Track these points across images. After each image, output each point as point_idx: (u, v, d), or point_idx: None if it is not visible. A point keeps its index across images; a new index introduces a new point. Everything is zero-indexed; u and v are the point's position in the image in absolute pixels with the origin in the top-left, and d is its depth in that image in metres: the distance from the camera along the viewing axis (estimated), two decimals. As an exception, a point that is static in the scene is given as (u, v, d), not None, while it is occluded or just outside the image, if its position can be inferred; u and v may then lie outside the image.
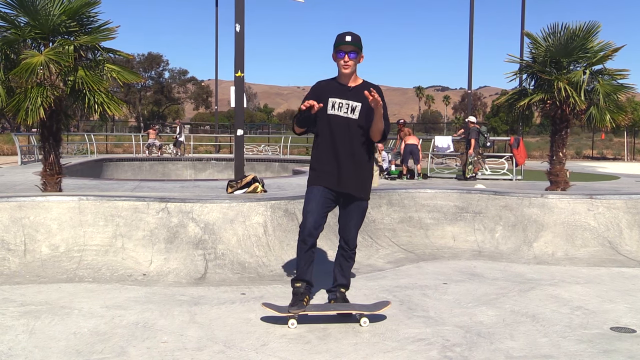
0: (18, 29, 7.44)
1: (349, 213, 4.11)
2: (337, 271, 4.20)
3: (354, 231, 4.14)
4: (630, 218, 6.85)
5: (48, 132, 7.81)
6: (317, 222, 3.96)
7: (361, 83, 4.09)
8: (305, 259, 4.01)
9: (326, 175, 4.02)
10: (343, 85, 4.05)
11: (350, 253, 4.16)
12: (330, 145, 4.02)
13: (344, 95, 4.01)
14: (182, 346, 3.45)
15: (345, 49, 3.95)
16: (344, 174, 3.99)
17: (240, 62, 8.34)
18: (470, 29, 18.25)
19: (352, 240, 4.14)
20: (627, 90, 10.15)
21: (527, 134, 45.47)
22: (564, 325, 3.95)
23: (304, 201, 4.08)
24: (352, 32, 3.99)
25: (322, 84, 4.15)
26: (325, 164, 4.03)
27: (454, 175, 15.41)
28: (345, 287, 4.20)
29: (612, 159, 33.88)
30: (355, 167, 4.02)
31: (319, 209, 3.98)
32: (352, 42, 3.95)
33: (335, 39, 4.00)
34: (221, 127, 47.07)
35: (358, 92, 4.00)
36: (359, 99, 3.99)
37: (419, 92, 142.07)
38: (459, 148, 18.14)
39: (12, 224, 5.52)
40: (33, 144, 19.64)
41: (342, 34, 3.99)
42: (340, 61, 3.99)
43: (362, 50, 4.03)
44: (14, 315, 3.98)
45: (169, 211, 5.84)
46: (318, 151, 4.10)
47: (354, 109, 4.00)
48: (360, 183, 4.06)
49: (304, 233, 3.98)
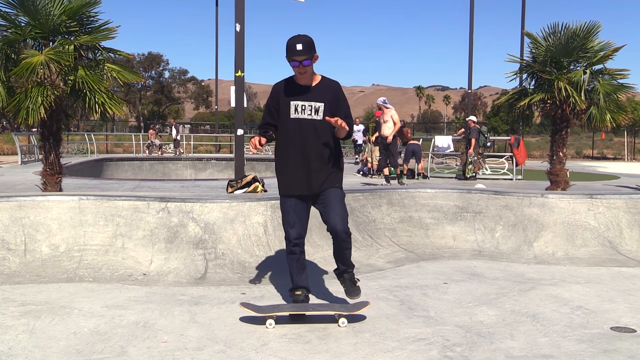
0: (18, 28, 7.44)
1: (327, 205, 3.95)
2: (337, 261, 4.11)
3: (338, 220, 3.88)
4: (631, 218, 6.85)
5: (48, 131, 7.81)
6: (300, 233, 4.03)
7: (320, 81, 4.02)
8: (297, 267, 4.07)
9: (297, 181, 3.96)
10: (303, 86, 3.97)
11: (344, 242, 3.92)
12: (297, 149, 3.94)
13: (305, 97, 3.94)
14: (183, 346, 3.45)
15: (298, 59, 3.81)
16: (313, 177, 3.94)
17: (241, 62, 8.34)
18: (470, 29, 18.23)
19: (341, 229, 3.87)
20: (628, 90, 10.17)
21: (527, 134, 45.47)
22: (564, 325, 3.95)
23: (281, 213, 4.07)
24: (302, 38, 3.84)
25: (281, 86, 4.04)
26: (294, 169, 3.97)
27: (454, 175, 15.41)
28: (346, 272, 4.06)
29: (612, 159, 33.88)
30: (325, 167, 3.98)
31: (297, 220, 4.01)
32: (303, 50, 3.80)
33: (287, 46, 3.83)
34: (221, 126, 47.09)
35: (319, 91, 3.96)
36: (321, 99, 3.94)
37: (419, 91, 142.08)
38: (459, 148, 18.16)
39: (12, 223, 5.52)
40: (33, 143, 19.64)
41: (293, 42, 3.81)
42: (295, 69, 3.90)
43: (315, 50, 3.87)
44: (14, 315, 3.98)
45: (169, 211, 5.84)
46: (285, 155, 4.01)
47: (317, 109, 3.95)
48: (333, 178, 4.01)
49: (289, 245, 4.04)
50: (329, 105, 3.96)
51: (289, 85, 4.01)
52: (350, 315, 3.94)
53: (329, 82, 4.05)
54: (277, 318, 3.86)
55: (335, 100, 4.00)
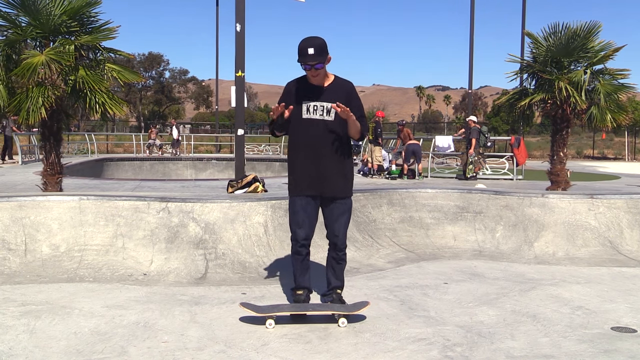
0: (19, 28, 7.45)
1: (335, 214, 4.02)
2: (330, 274, 4.16)
3: (342, 232, 4.04)
4: (631, 218, 6.85)
5: (49, 131, 7.81)
6: (308, 234, 4.01)
7: (333, 81, 4.00)
8: (301, 268, 4.06)
9: (308, 182, 3.96)
10: (315, 86, 3.95)
11: (341, 255, 4.08)
12: (310, 150, 3.94)
13: (317, 97, 3.92)
14: (183, 346, 3.45)
15: (311, 62, 3.78)
16: (326, 179, 3.94)
17: (241, 62, 8.34)
18: (470, 29, 18.23)
19: (342, 241, 4.05)
20: (628, 89, 10.17)
21: (527, 134, 45.45)
22: (564, 325, 3.95)
23: (290, 213, 4.07)
24: (314, 41, 3.80)
25: (294, 86, 4.02)
26: (306, 170, 3.96)
27: (454, 175, 15.41)
28: (340, 288, 4.17)
29: (612, 159, 33.84)
30: (337, 170, 3.97)
31: (307, 220, 4.00)
32: (315, 54, 3.76)
33: (299, 49, 3.80)
34: (222, 126, 47.10)
35: (331, 91, 3.94)
36: (333, 99, 3.90)
37: (420, 91, 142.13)
38: (459, 148, 18.15)
39: (12, 223, 5.52)
40: (33, 143, 19.65)
41: (305, 46, 3.78)
42: (308, 73, 3.88)
43: (327, 53, 3.85)
44: (14, 315, 3.98)
45: (169, 211, 5.84)
46: (297, 156, 4.02)
47: (329, 110, 3.93)
48: (344, 183, 4.02)
49: (296, 246, 4.02)
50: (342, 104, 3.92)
51: (301, 85, 3.99)
52: (350, 315, 3.94)
53: (342, 82, 4.03)
54: (277, 318, 3.86)
55: (348, 100, 3.95)
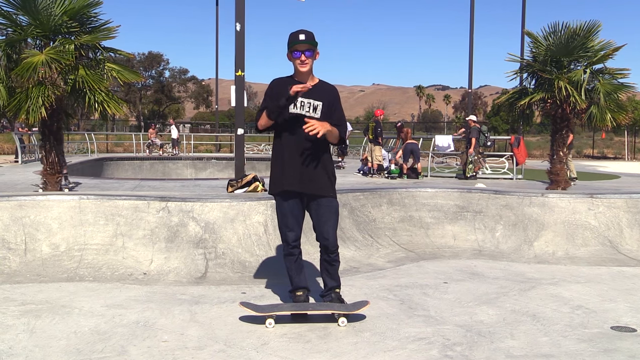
0: (19, 28, 7.45)
1: (323, 217, 4.00)
2: (325, 276, 4.14)
3: (332, 234, 4.01)
4: (631, 217, 6.85)
5: (49, 131, 7.82)
6: (298, 235, 4.06)
7: (318, 82, 4.04)
8: (295, 268, 4.09)
9: (289, 177, 3.94)
10: (302, 84, 3.94)
11: (333, 257, 4.05)
12: (293, 143, 3.94)
13: (305, 94, 3.92)
14: (183, 345, 3.45)
15: (301, 48, 3.86)
16: (309, 175, 3.93)
17: (241, 61, 8.34)
18: (470, 28, 18.24)
19: (333, 244, 4.01)
20: (628, 89, 10.18)
21: (527, 133, 45.44)
22: (564, 324, 3.95)
23: (278, 214, 4.08)
24: (305, 30, 3.92)
25: (281, 83, 4.03)
26: (287, 163, 3.96)
27: (454, 174, 15.41)
28: (338, 287, 4.15)
29: (612, 158, 33.85)
30: (320, 167, 3.97)
31: (295, 222, 4.03)
32: (306, 40, 3.86)
33: (289, 39, 3.90)
34: (221, 126, 47.13)
35: (317, 90, 3.97)
36: (320, 98, 3.94)
37: (420, 91, 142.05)
38: (459, 147, 18.15)
39: (12, 223, 5.52)
40: (33, 143, 19.64)
41: (296, 33, 3.89)
42: (297, 60, 3.92)
43: (317, 46, 3.95)
44: (14, 314, 3.99)
45: (169, 210, 5.84)
46: (280, 149, 4.02)
47: (316, 107, 3.95)
48: (327, 181, 4.02)
49: (288, 248, 4.05)
50: (326, 107, 3.96)
51: (289, 82, 4.00)
52: (350, 315, 3.94)
53: (328, 86, 4.08)
54: (277, 317, 3.86)
55: (332, 104, 4.00)
